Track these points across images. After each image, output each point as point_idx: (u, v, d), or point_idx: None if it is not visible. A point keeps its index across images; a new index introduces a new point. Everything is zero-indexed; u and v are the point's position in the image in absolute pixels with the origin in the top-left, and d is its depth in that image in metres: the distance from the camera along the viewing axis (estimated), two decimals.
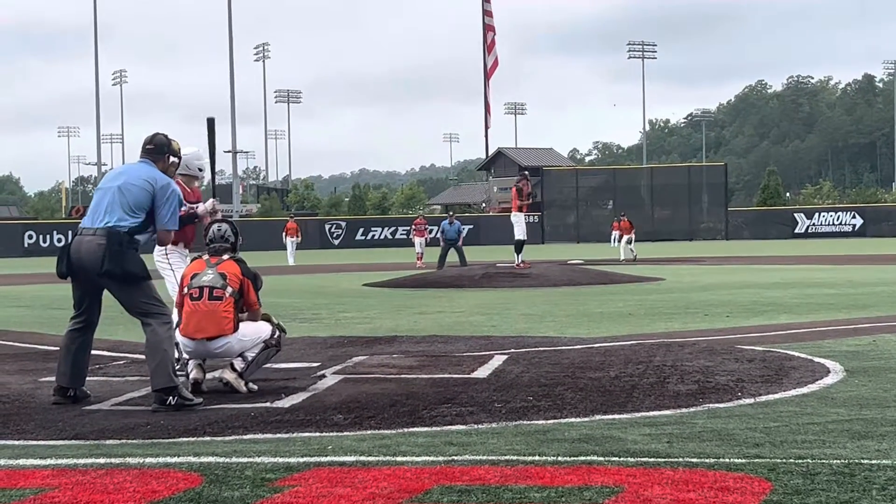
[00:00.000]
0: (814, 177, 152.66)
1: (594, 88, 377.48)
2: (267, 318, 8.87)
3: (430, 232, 41.92)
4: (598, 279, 25.24)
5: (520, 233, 26.84)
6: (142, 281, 8.00)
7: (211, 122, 10.04)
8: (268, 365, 9.20)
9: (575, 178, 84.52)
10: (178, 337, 8.49)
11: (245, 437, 6.68)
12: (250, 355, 8.54)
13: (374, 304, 18.98)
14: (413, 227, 41.93)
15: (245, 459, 5.87)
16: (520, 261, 26.53)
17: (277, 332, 8.81)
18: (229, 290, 8.48)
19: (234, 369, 8.47)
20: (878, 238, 66.10)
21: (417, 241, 39.33)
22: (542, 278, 24.65)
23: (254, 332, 8.63)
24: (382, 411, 7.44)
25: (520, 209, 27.19)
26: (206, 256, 8.79)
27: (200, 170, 10.04)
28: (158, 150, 8.51)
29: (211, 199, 9.70)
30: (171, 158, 8.64)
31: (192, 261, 9.06)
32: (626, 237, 40.08)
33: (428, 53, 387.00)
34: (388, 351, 11.15)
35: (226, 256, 8.74)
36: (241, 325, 8.57)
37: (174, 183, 8.49)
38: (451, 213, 40.46)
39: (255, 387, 8.61)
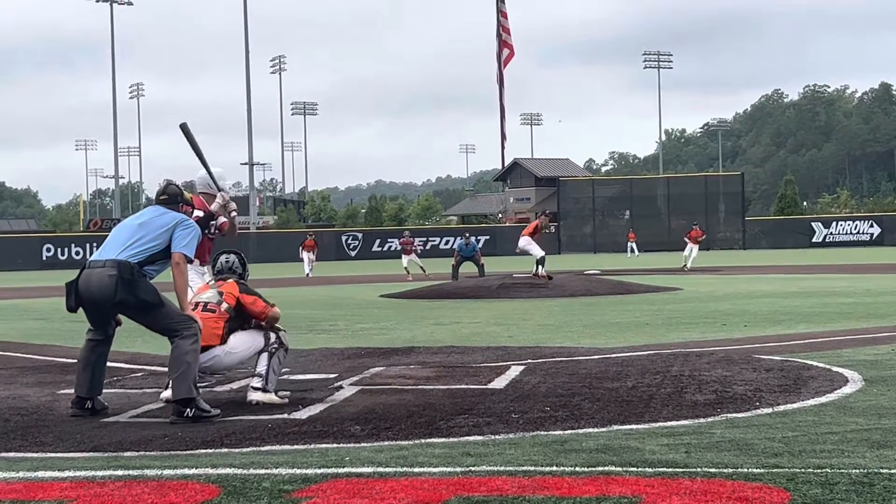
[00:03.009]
0: (831, 186, 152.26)
1: (610, 98, 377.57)
2: (274, 319, 8.83)
3: (418, 245, 43.48)
4: (615, 289, 25.19)
5: (537, 251, 26.97)
6: (159, 307, 8.01)
7: (184, 127, 10.00)
8: (285, 377, 9.20)
9: (591, 188, 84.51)
10: None
11: (262, 448, 6.68)
12: (262, 369, 8.52)
13: (391, 315, 18.99)
14: (400, 244, 42.97)
15: (262, 471, 5.88)
16: (542, 271, 26.47)
17: (275, 337, 8.73)
18: (224, 305, 8.56)
19: (255, 388, 8.48)
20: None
21: (405, 258, 39.73)
22: (558, 288, 24.64)
23: (245, 344, 8.59)
24: (399, 422, 7.43)
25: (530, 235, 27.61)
26: (212, 282, 8.97)
27: (209, 185, 9.97)
28: (172, 200, 8.55)
29: (220, 193, 9.72)
30: (185, 207, 8.74)
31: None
32: (693, 245, 40.32)
33: (444, 64, 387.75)
34: (405, 362, 11.14)
35: (230, 280, 8.87)
36: (231, 337, 8.56)
37: (194, 223, 8.52)
38: (466, 234, 40.62)
39: (287, 392, 8.69)
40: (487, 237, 69.26)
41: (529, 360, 10.95)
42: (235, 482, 5.61)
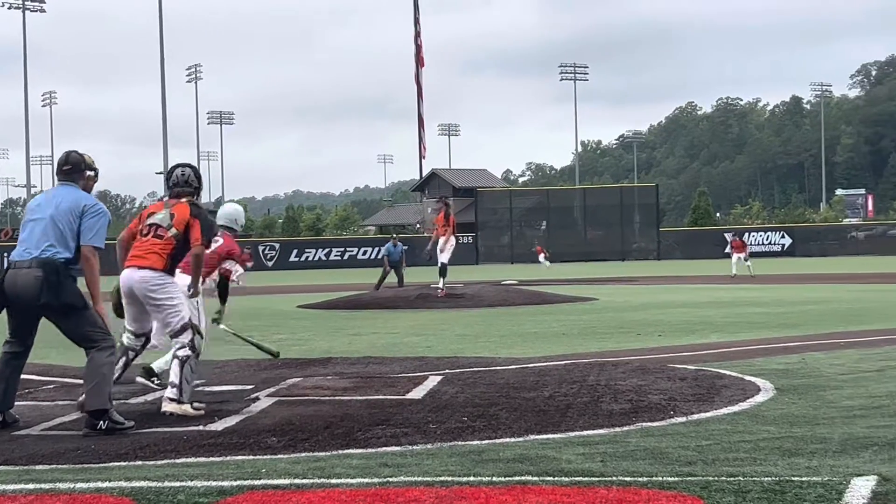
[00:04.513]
0: (743, 197, 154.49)
1: (527, 110, 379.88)
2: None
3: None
4: (532, 299, 25.32)
5: (444, 257, 25.80)
6: (82, 310, 7.91)
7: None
8: (200, 388, 9.11)
9: (509, 199, 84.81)
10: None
11: (177, 461, 6.61)
12: (174, 379, 8.48)
13: (309, 326, 18.90)
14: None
15: (177, 484, 5.81)
16: (441, 284, 25.50)
17: (192, 335, 8.69)
18: (172, 231, 8.69)
19: (171, 400, 8.43)
20: (806, 257, 66.99)
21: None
22: (476, 299, 24.69)
23: (175, 307, 8.64)
24: (317, 433, 7.40)
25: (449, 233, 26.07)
26: (166, 198, 9.15)
27: (236, 221, 10.88)
28: (76, 168, 8.40)
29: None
30: (88, 172, 8.55)
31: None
32: (738, 255, 40.74)
33: (362, 75, 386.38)
34: (322, 373, 11.10)
35: (184, 200, 8.94)
36: (175, 291, 8.69)
37: (101, 204, 8.39)
38: (394, 234, 40.65)
39: (203, 404, 8.63)
40: (406, 247, 69.17)
41: (447, 371, 10.97)
42: (150, 495, 5.54)
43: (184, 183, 9.06)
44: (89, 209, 8.11)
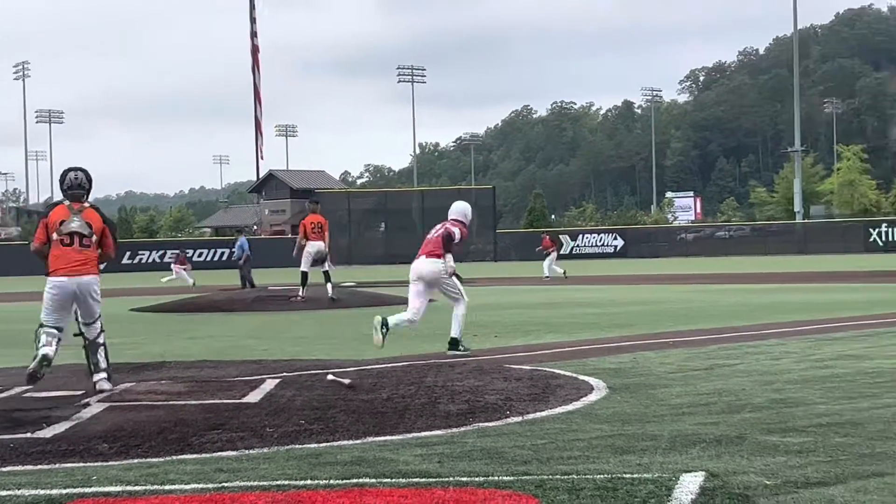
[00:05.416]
0: (577, 199, 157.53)
1: (366, 112, 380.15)
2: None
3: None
4: (371, 302, 25.28)
5: (304, 264, 24.79)
6: None
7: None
8: (29, 394, 8.86)
9: (347, 201, 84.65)
10: (55, 280, 9.70)
11: (4, 469, 6.41)
12: (103, 362, 9.97)
13: (142, 330, 18.53)
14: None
15: (4, 493, 5.63)
16: (301, 292, 24.81)
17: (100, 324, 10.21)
18: (94, 238, 9.77)
19: (106, 380, 9.79)
20: (638, 259, 68.59)
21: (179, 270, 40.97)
22: (314, 302, 24.53)
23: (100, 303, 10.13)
24: (150, 439, 7.26)
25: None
26: (67, 202, 9.85)
27: (466, 216, 13.75)
28: None
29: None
30: None
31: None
32: (552, 255, 40.65)
33: (197, 74, 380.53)
34: (156, 377, 10.89)
35: (86, 204, 9.87)
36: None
37: None
38: (245, 229, 40.68)
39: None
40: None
41: (285, 374, 10.89)
42: None
43: (78, 186, 9.87)
44: None
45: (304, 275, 24.95)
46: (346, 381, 9.84)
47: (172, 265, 44.15)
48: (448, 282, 13.15)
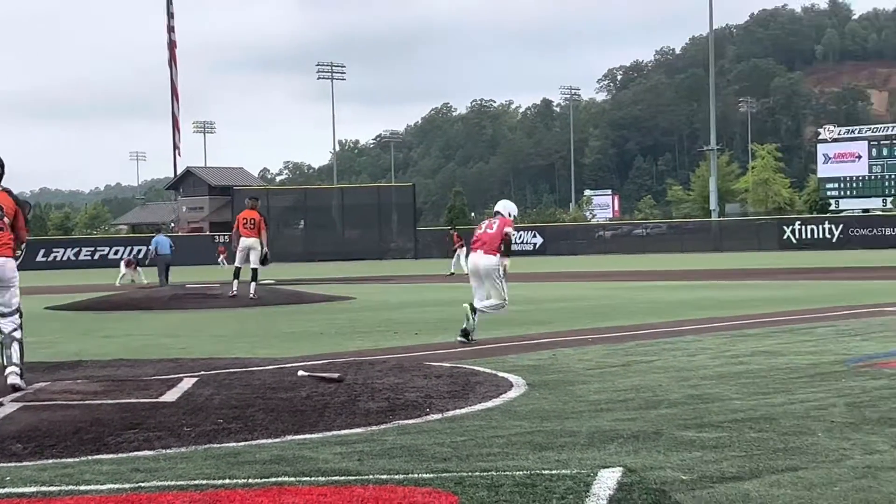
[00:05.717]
0: (497, 197, 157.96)
1: (285, 108, 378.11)
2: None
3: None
4: (290, 299, 25.20)
5: (255, 259, 24.13)
6: None
7: None
8: None
9: (266, 198, 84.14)
10: None
11: None
12: (16, 357, 9.82)
13: (57, 329, 18.25)
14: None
15: None
16: (253, 288, 24.20)
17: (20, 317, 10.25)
18: (6, 219, 9.73)
19: (18, 375, 9.63)
20: (556, 256, 69.09)
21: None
22: (232, 299, 24.36)
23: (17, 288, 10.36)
24: (65, 439, 7.15)
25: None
26: None
27: (510, 214, 14.79)
28: None
29: None
30: None
31: None
32: (461, 251, 40.39)
33: (113, 70, 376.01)
34: (71, 376, 10.74)
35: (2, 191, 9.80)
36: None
37: None
38: (163, 226, 40.31)
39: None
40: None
41: (203, 372, 10.79)
42: None
43: None
44: None
45: (237, 270, 24.80)
46: (336, 375, 9.86)
47: (122, 264, 42.04)
48: (498, 279, 14.28)
